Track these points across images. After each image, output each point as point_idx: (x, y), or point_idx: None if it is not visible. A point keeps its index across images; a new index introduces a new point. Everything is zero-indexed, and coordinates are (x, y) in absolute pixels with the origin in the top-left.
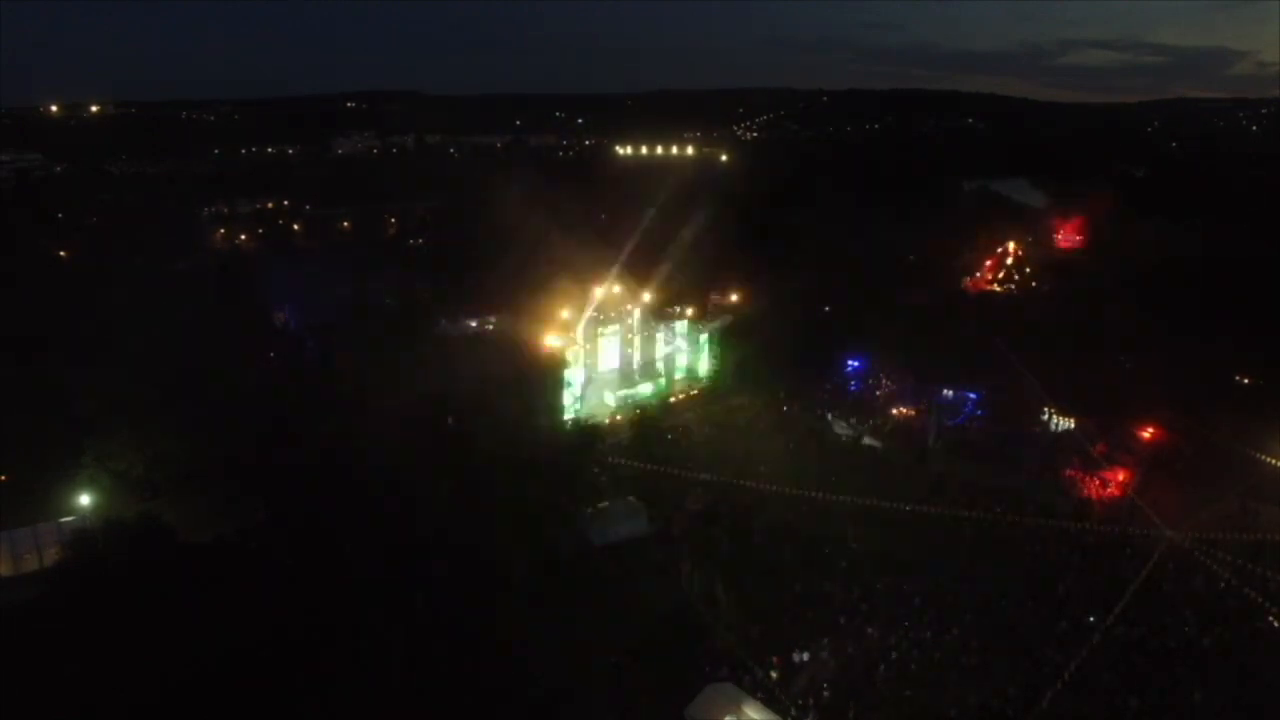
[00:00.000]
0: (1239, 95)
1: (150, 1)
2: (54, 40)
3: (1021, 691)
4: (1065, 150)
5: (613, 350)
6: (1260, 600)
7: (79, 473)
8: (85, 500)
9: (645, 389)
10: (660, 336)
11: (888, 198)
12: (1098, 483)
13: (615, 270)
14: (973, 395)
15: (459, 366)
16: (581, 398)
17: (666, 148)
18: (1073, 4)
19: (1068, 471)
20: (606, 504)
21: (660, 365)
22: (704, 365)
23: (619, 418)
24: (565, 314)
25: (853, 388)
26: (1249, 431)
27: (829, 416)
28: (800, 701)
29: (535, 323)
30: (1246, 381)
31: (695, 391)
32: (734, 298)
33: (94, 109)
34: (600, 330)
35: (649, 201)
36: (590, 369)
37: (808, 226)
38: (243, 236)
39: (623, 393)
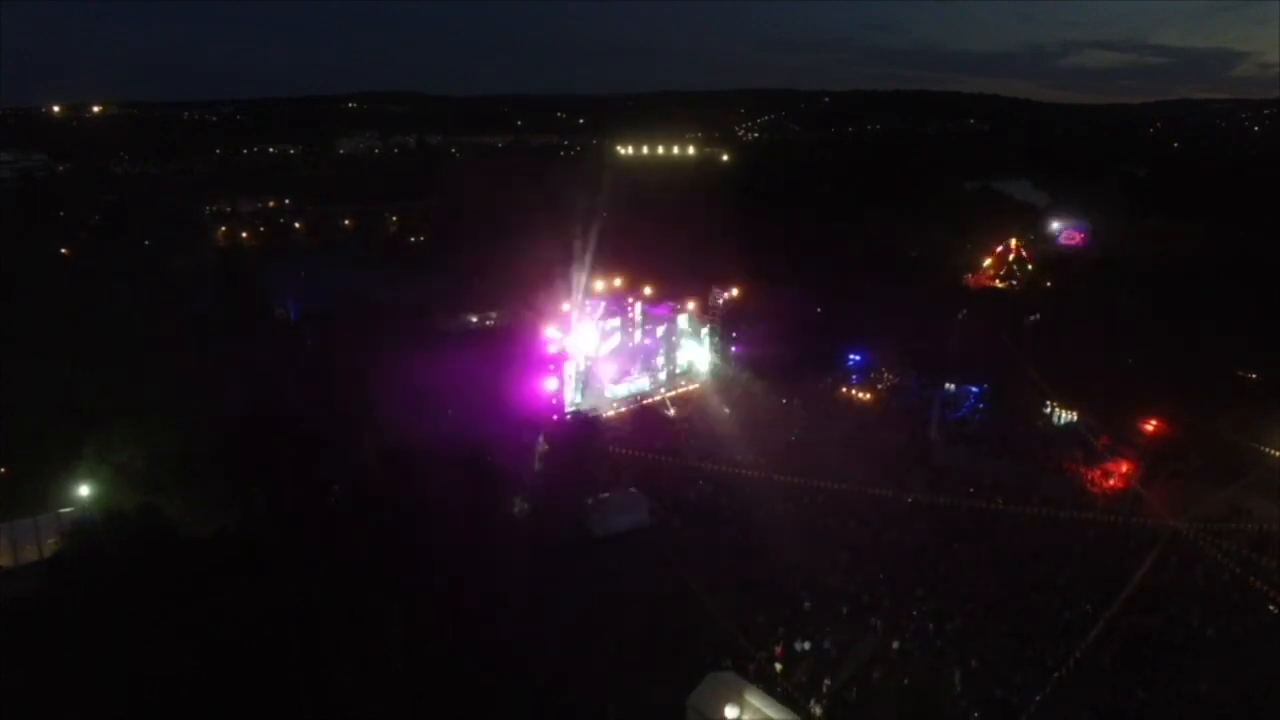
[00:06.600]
0: (1241, 96)
1: (153, 2)
2: (57, 41)
3: (1024, 682)
4: (1068, 151)
5: (614, 344)
6: (1265, 591)
7: (79, 465)
8: (85, 492)
9: (646, 382)
10: (662, 330)
11: (890, 198)
12: (1100, 474)
13: (616, 265)
14: (975, 389)
15: (459, 361)
16: (582, 391)
17: (668, 148)
18: (1075, 5)
19: (1070, 464)
20: (608, 495)
21: (662, 359)
22: (706, 359)
23: (620, 410)
24: (566, 308)
25: (854, 380)
26: (1251, 426)
27: None
28: (803, 691)
29: (536, 318)
30: (1250, 377)
31: (697, 385)
32: (735, 293)
33: (97, 109)
34: (601, 324)
35: (651, 200)
36: (591, 363)
37: (810, 225)
38: (244, 235)
39: (624, 386)
